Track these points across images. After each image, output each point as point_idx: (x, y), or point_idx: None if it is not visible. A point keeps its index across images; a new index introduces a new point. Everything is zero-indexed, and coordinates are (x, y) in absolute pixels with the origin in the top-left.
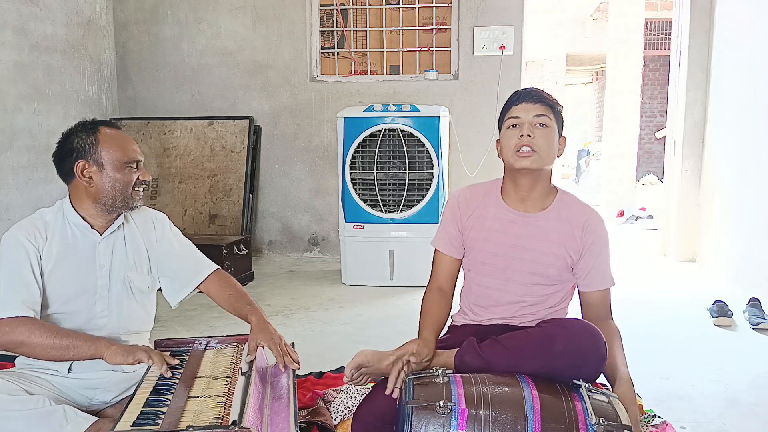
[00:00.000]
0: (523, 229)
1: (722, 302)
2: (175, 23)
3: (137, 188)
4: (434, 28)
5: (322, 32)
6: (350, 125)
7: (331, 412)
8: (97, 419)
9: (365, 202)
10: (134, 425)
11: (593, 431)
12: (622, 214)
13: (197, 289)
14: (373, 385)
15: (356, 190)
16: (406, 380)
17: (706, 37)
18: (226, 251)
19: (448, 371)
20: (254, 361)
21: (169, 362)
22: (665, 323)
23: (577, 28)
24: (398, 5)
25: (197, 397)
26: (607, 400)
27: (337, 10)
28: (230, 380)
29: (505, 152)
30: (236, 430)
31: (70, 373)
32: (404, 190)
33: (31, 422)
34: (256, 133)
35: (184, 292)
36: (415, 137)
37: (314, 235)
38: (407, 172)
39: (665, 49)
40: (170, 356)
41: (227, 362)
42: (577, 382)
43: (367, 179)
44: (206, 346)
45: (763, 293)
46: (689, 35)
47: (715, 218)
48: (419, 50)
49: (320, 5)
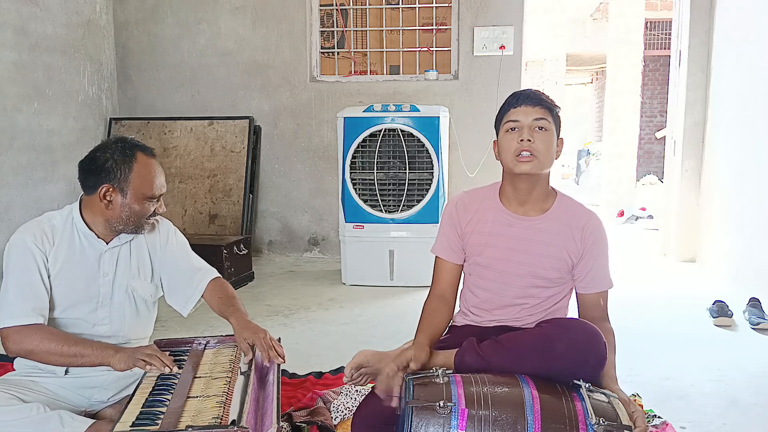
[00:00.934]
0: (522, 232)
1: (722, 302)
2: (175, 23)
3: (151, 219)
4: (434, 28)
5: (322, 32)
6: (350, 125)
7: (330, 412)
8: (94, 421)
9: (365, 202)
10: (133, 425)
11: (593, 431)
12: (622, 214)
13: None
14: (372, 385)
15: (356, 190)
16: (406, 380)
17: (706, 37)
18: (226, 251)
19: (448, 371)
20: (253, 360)
21: (168, 366)
22: (665, 323)
23: (577, 28)
24: (398, 5)
25: (196, 397)
26: (607, 400)
27: (337, 10)
28: (229, 380)
29: (504, 156)
30: (235, 429)
31: (66, 374)
32: (404, 190)
33: (27, 430)
34: (256, 133)
35: (191, 302)
36: (415, 137)
37: (314, 235)
38: (407, 172)
39: (665, 49)
40: (171, 361)
41: (226, 362)
42: (577, 382)
43: (367, 179)
44: (205, 345)
45: (763, 293)
46: (689, 35)
47: (715, 218)
48: (419, 50)
49: (320, 5)
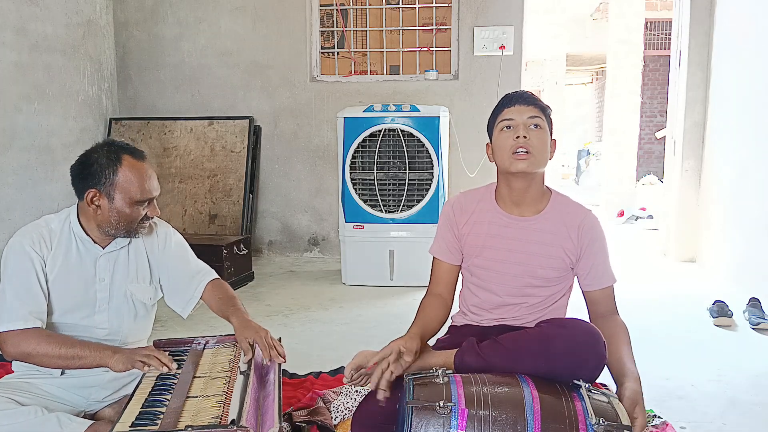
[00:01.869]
0: (519, 233)
1: (722, 302)
2: (175, 23)
3: (143, 222)
4: (434, 28)
5: (322, 32)
6: (350, 125)
7: (330, 412)
8: (92, 422)
9: (365, 202)
10: (133, 426)
11: (593, 431)
12: (622, 214)
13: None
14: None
15: (356, 190)
16: (406, 380)
17: (706, 37)
18: (226, 251)
19: (448, 371)
20: (253, 359)
21: (167, 365)
22: (665, 323)
23: (577, 28)
24: (398, 5)
25: (196, 396)
26: (607, 400)
27: (337, 10)
28: (229, 380)
29: (499, 155)
30: (235, 429)
31: (63, 375)
32: (404, 190)
33: None
34: (256, 133)
35: (191, 304)
36: (415, 137)
37: (314, 235)
38: (407, 172)
39: (665, 49)
40: (170, 359)
41: (226, 362)
42: (577, 382)
43: (367, 179)
44: (205, 345)
45: (763, 293)
46: (689, 35)
47: (715, 218)
48: (419, 50)
49: (320, 5)
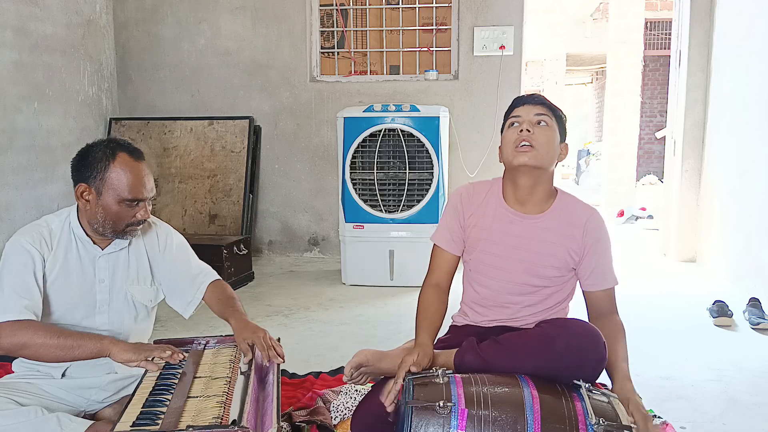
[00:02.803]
0: (523, 230)
1: (722, 302)
2: (175, 23)
3: (132, 226)
4: (434, 28)
5: (322, 32)
6: (350, 125)
7: (330, 411)
8: (93, 423)
9: (365, 202)
10: (134, 425)
11: (593, 431)
12: (622, 214)
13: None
14: (372, 385)
15: (356, 190)
16: (406, 380)
17: (706, 37)
18: (226, 251)
19: (448, 371)
20: (253, 360)
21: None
22: (665, 323)
23: (577, 28)
24: (398, 5)
25: (197, 396)
26: (607, 400)
27: (337, 10)
28: (229, 380)
29: (504, 150)
30: (236, 429)
31: (63, 377)
32: (404, 190)
33: None
34: (256, 133)
35: (192, 305)
36: (415, 137)
37: (314, 235)
38: (407, 172)
39: (665, 49)
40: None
41: (226, 362)
42: (577, 382)
43: (367, 179)
44: (205, 345)
45: (763, 293)
46: (689, 35)
47: (715, 218)
48: (419, 50)
49: (320, 5)
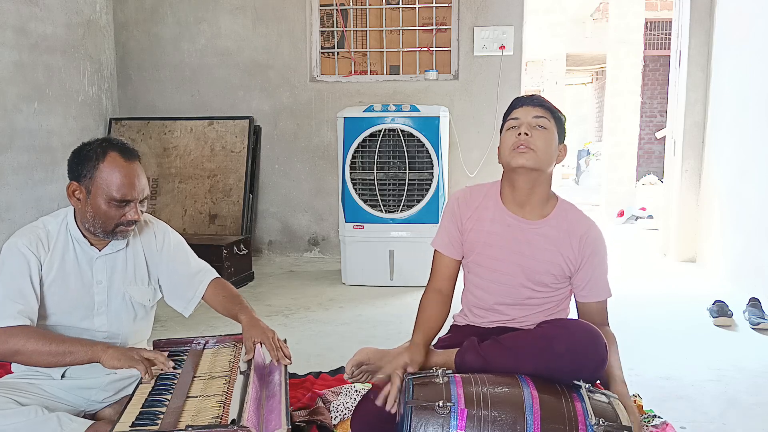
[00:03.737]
0: (520, 234)
1: (722, 302)
2: (175, 23)
3: (123, 227)
4: (434, 28)
5: (322, 32)
6: (350, 125)
7: (330, 412)
8: (93, 422)
9: (365, 202)
10: (133, 425)
11: (593, 431)
12: (622, 214)
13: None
14: (372, 384)
15: (356, 190)
16: (405, 380)
17: (706, 37)
18: (226, 251)
19: (448, 371)
20: (253, 359)
21: (166, 367)
22: (665, 323)
23: (577, 28)
24: (398, 5)
25: (196, 396)
26: (607, 400)
27: (337, 10)
28: (229, 379)
29: (502, 152)
30: (235, 429)
31: (63, 378)
32: (404, 190)
33: None
34: (256, 133)
35: (192, 304)
36: (415, 137)
37: (314, 235)
38: (407, 172)
39: (665, 49)
40: (167, 359)
41: (226, 361)
42: (577, 382)
43: (367, 179)
44: (204, 345)
45: (763, 293)
46: (689, 35)
47: (715, 218)
48: (419, 50)
49: (320, 5)
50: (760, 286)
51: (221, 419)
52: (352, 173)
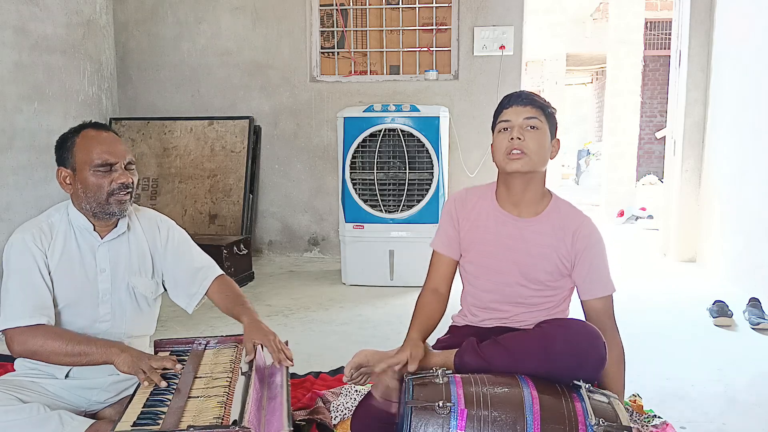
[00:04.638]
0: (515, 232)
1: (722, 302)
2: (175, 23)
3: (116, 194)
4: (434, 28)
5: (322, 32)
6: (350, 125)
7: (330, 412)
8: (94, 422)
9: (365, 202)
10: (135, 425)
11: (593, 431)
12: (622, 214)
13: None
14: (372, 385)
15: (356, 190)
16: (405, 380)
17: (706, 37)
18: (226, 251)
19: (447, 371)
20: (254, 360)
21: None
22: (665, 323)
23: (577, 28)
24: (398, 5)
25: (197, 397)
26: (607, 400)
27: (337, 10)
28: (230, 380)
29: (496, 155)
30: (237, 429)
31: (67, 378)
32: (404, 190)
33: (26, 431)
34: (256, 133)
35: (195, 299)
36: (415, 137)
37: (314, 235)
38: (407, 172)
39: (665, 49)
40: (173, 360)
41: (227, 362)
42: (577, 382)
43: (367, 179)
44: (206, 346)
45: (763, 293)
46: (689, 35)
47: (715, 218)
48: (419, 50)
49: (320, 5)
50: (759, 286)
51: (223, 420)
52: (352, 173)
